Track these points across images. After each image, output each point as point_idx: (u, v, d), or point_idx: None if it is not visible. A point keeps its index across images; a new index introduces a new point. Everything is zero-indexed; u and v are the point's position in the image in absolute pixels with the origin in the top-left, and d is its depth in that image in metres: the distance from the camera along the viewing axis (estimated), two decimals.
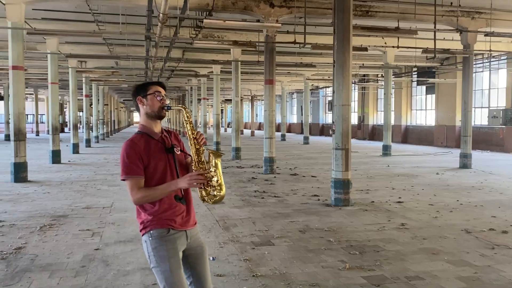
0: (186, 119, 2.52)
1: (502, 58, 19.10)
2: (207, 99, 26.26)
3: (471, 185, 9.82)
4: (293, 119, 46.26)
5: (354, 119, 31.06)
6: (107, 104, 36.29)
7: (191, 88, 31.75)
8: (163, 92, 2.53)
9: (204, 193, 2.40)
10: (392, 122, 20.00)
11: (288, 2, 11.19)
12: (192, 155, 2.45)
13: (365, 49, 11.32)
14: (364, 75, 29.02)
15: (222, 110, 55.03)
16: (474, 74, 21.42)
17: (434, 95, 24.19)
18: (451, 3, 11.27)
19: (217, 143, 20.04)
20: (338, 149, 7.45)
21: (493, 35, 10.84)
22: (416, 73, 24.41)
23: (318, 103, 39.05)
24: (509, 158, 16.51)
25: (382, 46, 14.76)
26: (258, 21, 10.68)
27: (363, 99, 30.89)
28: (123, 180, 2.39)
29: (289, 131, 43.97)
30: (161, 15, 10.12)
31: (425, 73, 23.52)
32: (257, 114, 56.94)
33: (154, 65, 19.73)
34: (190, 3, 9.65)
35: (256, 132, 44.00)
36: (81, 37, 13.36)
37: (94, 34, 10.45)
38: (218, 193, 2.39)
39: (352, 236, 5.56)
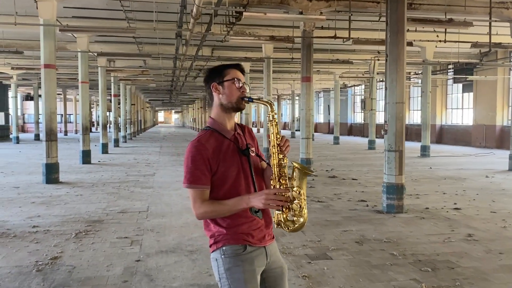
0: (270, 119, 2.01)
1: None
2: None
3: None
4: (320, 118, 45.46)
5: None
6: (134, 104, 36.38)
7: None
8: (242, 78, 2.05)
9: (281, 217, 1.92)
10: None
11: None
12: (272, 166, 1.97)
13: (410, 43, 10.62)
14: None
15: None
16: None
17: (471, 93, 23.11)
18: None
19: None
20: (391, 151, 6.85)
21: None
22: (452, 70, 23.38)
23: (346, 102, 38.16)
24: None
25: (429, 41, 13.93)
26: (300, 13, 10.12)
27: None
28: (186, 187, 1.95)
29: (315, 130, 43.22)
30: (194, 9, 9.73)
31: (462, 70, 22.47)
32: (282, 114, 56.33)
33: (182, 64, 19.45)
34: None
35: (283, 131, 43.43)
36: (113, 34, 13.07)
37: (127, 30, 10.13)
38: (297, 220, 1.91)
39: (417, 249, 4.97)
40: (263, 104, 2.06)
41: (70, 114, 49.36)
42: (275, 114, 2.06)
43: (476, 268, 4.34)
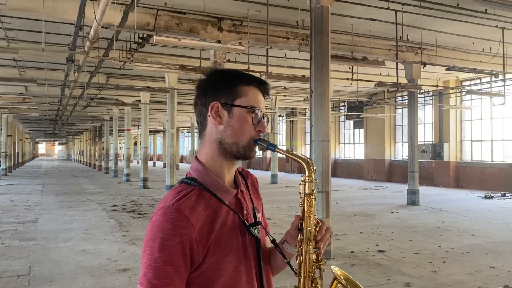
0: (307, 192, 1.25)
1: (429, 94, 19.85)
2: (131, 130, 24.22)
3: (435, 225, 9.29)
4: None
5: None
6: (11, 135, 32.31)
7: (111, 118, 29.31)
8: (263, 107, 1.27)
9: None
10: None
11: (238, 28, 10.20)
12: (300, 275, 1.22)
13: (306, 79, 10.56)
14: (292, 109, 28.95)
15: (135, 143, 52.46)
16: (401, 110, 22.19)
17: (362, 130, 24.58)
18: (400, 37, 11.07)
19: (145, 179, 18.14)
20: (318, 192, 6.38)
21: (454, 69, 10.76)
22: (344, 108, 24.73)
23: None
24: (443, 192, 16.76)
25: (337, 78, 14.25)
26: (218, 42, 9.50)
27: (291, 132, 30.77)
28: None
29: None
30: (92, 31, 8.54)
31: (353, 108, 23.86)
32: (180, 147, 54.94)
33: (72, 92, 17.55)
34: (127, 21, 8.21)
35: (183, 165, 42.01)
36: None
37: (7, 50, 8.52)
38: None
39: None
40: (295, 159, 1.27)
41: None
42: (315, 181, 1.27)
43: None
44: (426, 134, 20.90)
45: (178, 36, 9.73)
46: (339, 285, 1.24)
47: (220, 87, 1.24)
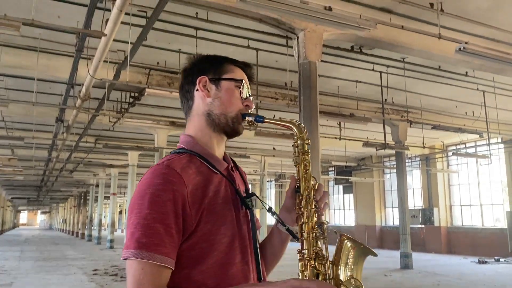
0: (301, 150, 1.20)
1: (416, 159, 20.11)
2: (117, 194, 23.82)
3: None
4: None
5: (271, 219, 30.39)
6: None
7: (97, 184, 28.89)
8: (249, 89, 1.25)
9: None
10: None
11: None
12: (303, 238, 1.12)
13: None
14: (281, 173, 28.98)
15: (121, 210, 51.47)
16: (389, 175, 22.33)
17: (352, 195, 24.49)
18: (386, 99, 11.40)
19: None
20: None
21: (439, 128, 10.98)
22: (333, 171, 24.84)
23: None
24: (435, 257, 16.40)
25: (326, 137, 14.40)
26: None
27: (281, 197, 30.54)
28: (130, 258, 0.98)
29: None
30: (84, 89, 8.63)
31: (342, 173, 23.96)
32: None
33: (59, 155, 17.40)
34: (119, 79, 8.34)
35: None
36: None
37: None
38: None
39: None
40: (284, 126, 1.22)
41: None
42: (308, 142, 1.20)
43: None
44: (415, 199, 20.85)
45: (170, 89, 9.91)
46: (346, 241, 1.13)
47: (207, 66, 1.23)
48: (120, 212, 49.44)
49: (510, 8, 6.99)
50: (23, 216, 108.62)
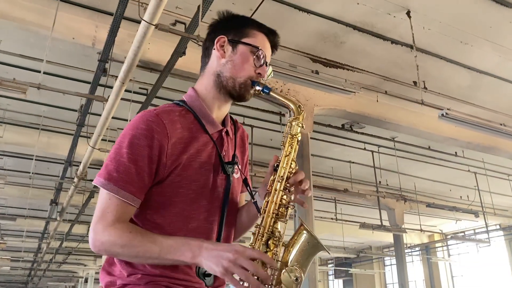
0: (292, 132, 1.26)
1: (416, 249, 19.63)
2: None
3: None
4: None
5: None
6: None
7: (86, 279, 27.59)
8: (269, 56, 1.29)
9: None
10: None
11: None
12: (263, 212, 1.16)
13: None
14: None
15: None
16: (390, 267, 21.58)
17: None
18: (380, 182, 11.52)
19: None
20: None
21: (433, 206, 10.95)
22: (332, 263, 24.02)
23: None
24: None
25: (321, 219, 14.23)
26: None
27: None
28: (99, 185, 1.06)
29: None
30: (81, 167, 8.76)
31: (341, 265, 23.18)
32: None
33: (50, 243, 16.94)
34: None
35: None
36: None
37: None
38: None
39: None
40: (286, 101, 1.26)
41: None
42: (302, 125, 1.26)
43: None
44: None
45: None
46: (302, 233, 1.14)
47: (231, 25, 1.28)
48: None
49: (489, 87, 7.46)
50: None
